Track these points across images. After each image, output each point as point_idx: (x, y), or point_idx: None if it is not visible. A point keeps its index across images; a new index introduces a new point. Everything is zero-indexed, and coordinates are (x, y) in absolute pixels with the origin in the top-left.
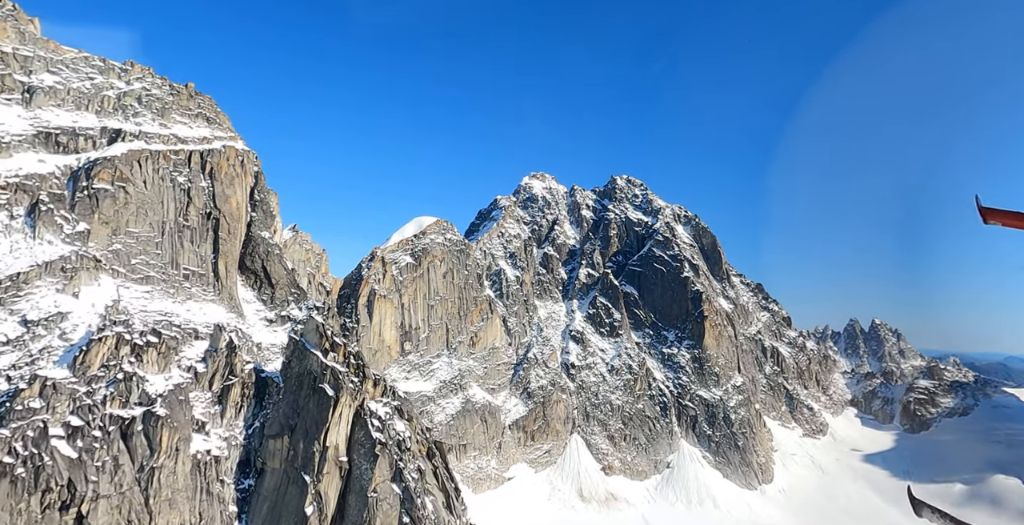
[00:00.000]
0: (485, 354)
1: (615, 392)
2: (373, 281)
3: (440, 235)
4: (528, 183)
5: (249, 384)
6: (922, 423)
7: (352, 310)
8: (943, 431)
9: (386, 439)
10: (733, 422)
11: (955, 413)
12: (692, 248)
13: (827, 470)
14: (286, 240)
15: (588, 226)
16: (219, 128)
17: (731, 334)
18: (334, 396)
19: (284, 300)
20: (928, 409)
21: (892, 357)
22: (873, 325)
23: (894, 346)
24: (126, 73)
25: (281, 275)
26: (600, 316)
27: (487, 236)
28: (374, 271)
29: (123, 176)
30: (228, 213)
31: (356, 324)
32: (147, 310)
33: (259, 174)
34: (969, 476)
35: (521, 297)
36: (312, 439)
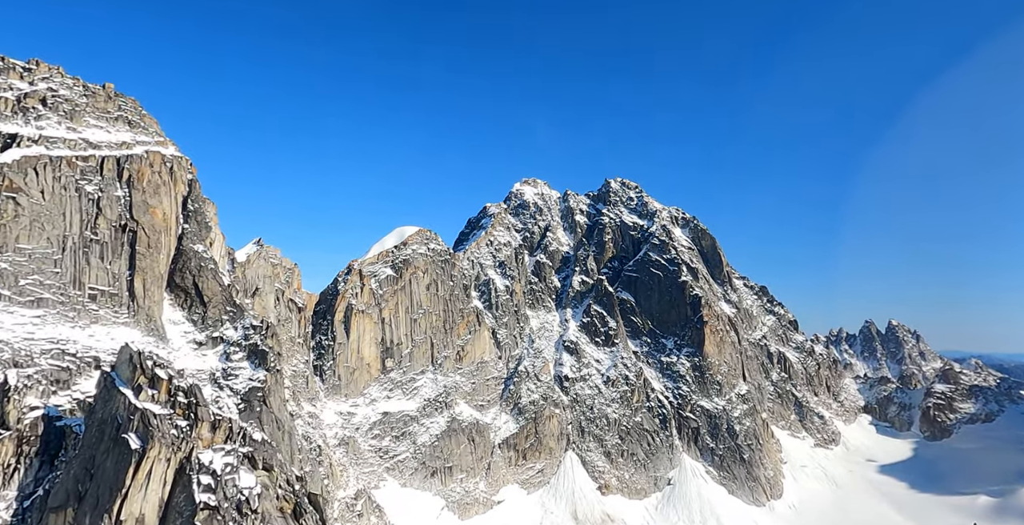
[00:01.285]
0: (473, 369)
1: (611, 405)
2: (350, 296)
3: (423, 245)
4: (519, 189)
5: (31, 437)
6: (943, 430)
7: (328, 327)
8: (965, 439)
9: (218, 501)
10: (738, 433)
11: (978, 419)
12: (691, 251)
13: (841, 483)
14: (249, 255)
15: (582, 232)
16: (143, 132)
17: (734, 340)
18: (139, 449)
19: (217, 320)
20: (947, 415)
21: (912, 359)
22: (890, 326)
23: (914, 348)
24: (29, 73)
25: (215, 292)
26: (595, 325)
27: (475, 245)
28: (351, 285)
29: (13, 186)
30: (150, 225)
31: (332, 341)
32: (34, 338)
33: (193, 182)
34: (996, 488)
35: (511, 307)
36: (102, 511)
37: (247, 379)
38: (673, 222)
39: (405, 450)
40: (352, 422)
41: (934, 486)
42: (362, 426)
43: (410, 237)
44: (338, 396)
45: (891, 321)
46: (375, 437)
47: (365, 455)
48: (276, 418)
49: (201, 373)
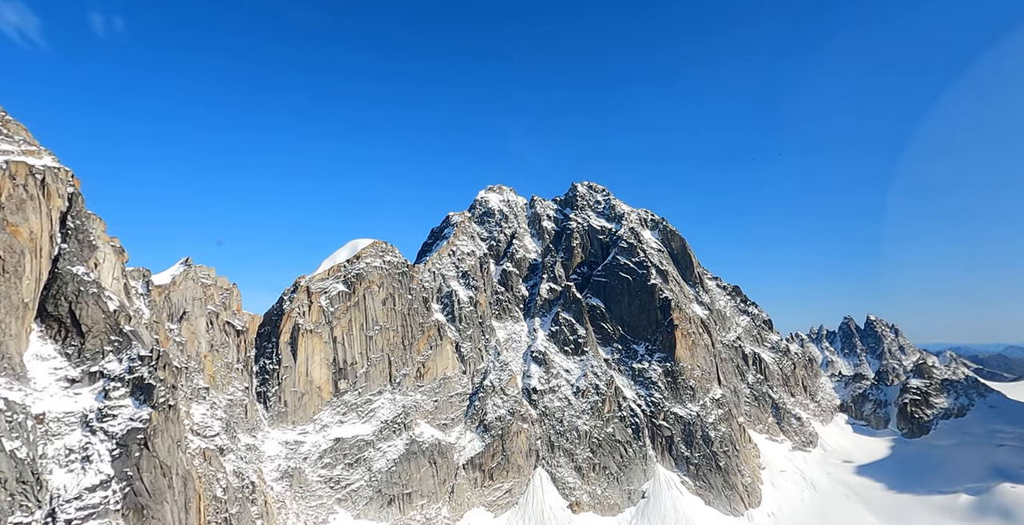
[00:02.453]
0: (435, 386)
1: (582, 416)
2: (296, 315)
3: (378, 258)
4: (484, 197)
5: None
6: (921, 427)
7: (273, 350)
8: (941, 435)
9: None
10: (713, 440)
11: (951, 414)
12: (660, 253)
13: (819, 487)
14: (175, 277)
15: (550, 238)
16: (6, 141)
17: (707, 342)
18: None
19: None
20: (924, 411)
21: (892, 354)
22: (869, 322)
23: (892, 342)
24: None
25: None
26: (564, 333)
27: (436, 255)
28: (298, 303)
29: None
30: (7, 246)
31: (278, 365)
32: None
33: (75, 196)
34: (974, 485)
35: (476, 319)
36: None
37: (127, 419)
38: (642, 224)
39: (359, 478)
40: (299, 451)
41: (913, 486)
42: (311, 455)
43: (364, 250)
44: (284, 424)
45: (869, 316)
46: (325, 466)
47: (313, 487)
48: (161, 463)
49: (70, 416)
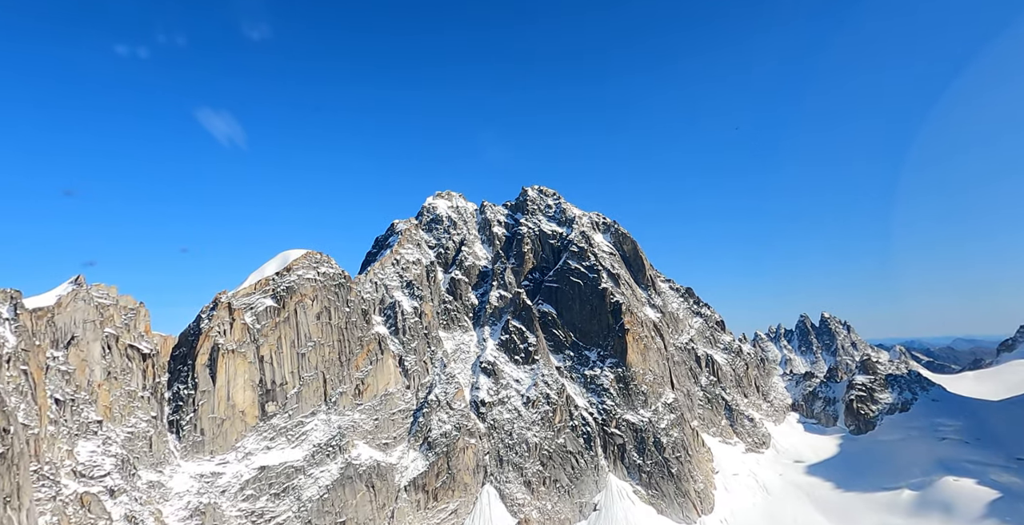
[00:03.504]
0: (376, 403)
1: (532, 428)
2: (216, 334)
3: (311, 270)
4: (432, 203)
5: None
6: (867, 423)
7: (189, 373)
8: (886, 430)
9: None
10: (665, 446)
11: (896, 409)
12: (612, 256)
13: (771, 489)
14: (61, 297)
15: (501, 244)
16: None
17: (659, 346)
18: None
19: None
20: (870, 407)
21: (845, 350)
22: (823, 319)
23: (845, 339)
24: None
25: None
26: (514, 342)
27: (378, 265)
28: (217, 322)
29: None
30: None
31: (194, 390)
32: None
33: None
34: (917, 480)
35: (421, 331)
36: None
37: None
38: (594, 228)
39: (287, 509)
40: (216, 484)
41: (859, 483)
42: (230, 487)
43: (295, 262)
44: (200, 454)
45: (823, 314)
46: (247, 499)
47: (231, 524)
48: None
49: None
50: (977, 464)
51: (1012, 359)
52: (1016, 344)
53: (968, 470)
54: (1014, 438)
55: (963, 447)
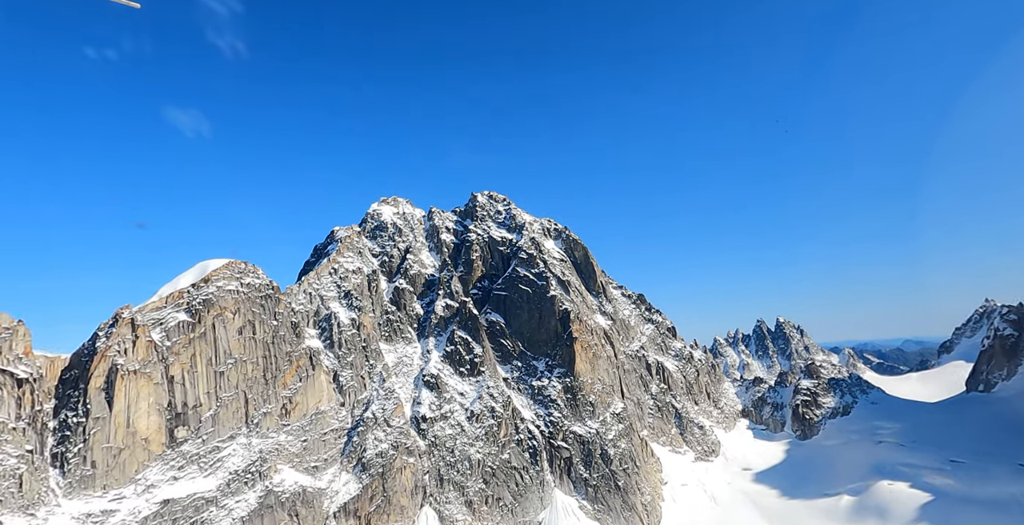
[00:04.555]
0: (305, 423)
1: (475, 443)
2: (115, 353)
3: (234, 281)
4: (376, 210)
5: None
6: (812, 427)
7: (80, 399)
8: (829, 435)
9: None
10: (612, 458)
11: (838, 413)
12: (563, 263)
13: (719, 499)
14: None
15: (449, 251)
16: None
17: (609, 353)
18: None
19: None
20: (814, 411)
21: (799, 354)
22: (778, 324)
23: (799, 343)
24: None
25: None
26: (459, 353)
27: (313, 275)
28: (117, 340)
29: None
30: None
31: (85, 417)
32: None
33: None
34: (855, 485)
35: (359, 343)
36: None
37: None
38: (545, 234)
39: None
40: (107, 524)
41: (803, 490)
42: None
43: (215, 272)
44: (90, 490)
45: (779, 318)
46: None
47: None
48: None
49: None
50: (912, 467)
51: (951, 360)
52: (953, 345)
53: (903, 474)
54: (947, 440)
55: (899, 450)
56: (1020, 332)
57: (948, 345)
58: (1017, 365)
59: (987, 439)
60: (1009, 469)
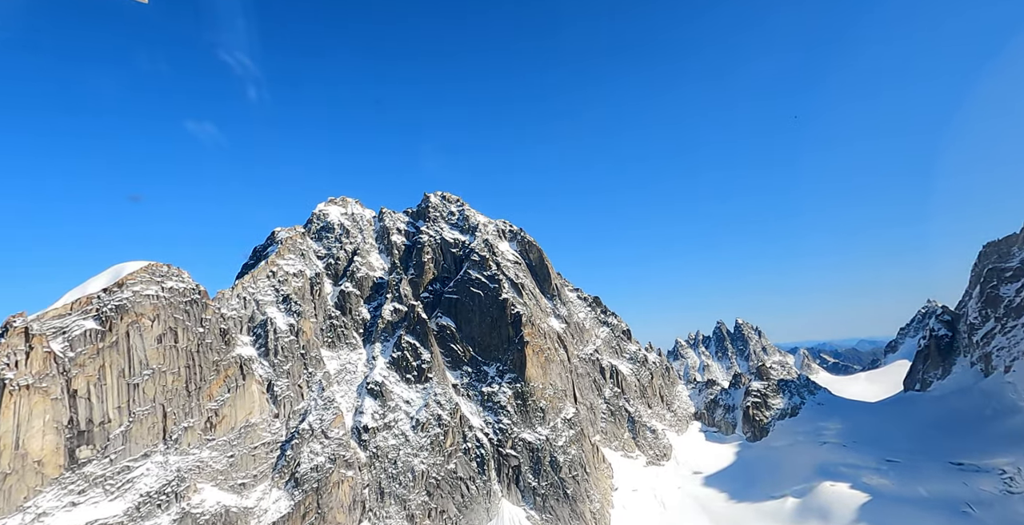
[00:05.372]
0: (232, 437)
1: (420, 454)
2: (3, 367)
3: (153, 285)
4: (323, 210)
5: None
6: (762, 429)
7: None
8: (778, 436)
9: None
10: (562, 465)
11: (786, 414)
12: (517, 265)
13: (669, 504)
14: None
15: (399, 253)
16: None
17: (563, 358)
18: None
19: None
20: (764, 413)
21: (756, 355)
22: (737, 325)
23: (757, 344)
24: None
25: None
26: (406, 359)
27: (248, 278)
28: (7, 351)
29: None
30: None
31: None
32: None
33: None
34: (800, 487)
35: (297, 350)
36: None
37: None
38: (500, 236)
39: None
40: None
41: (751, 493)
42: None
43: (130, 276)
44: None
45: (738, 320)
46: None
47: None
48: None
49: None
50: (852, 467)
51: (896, 359)
52: (898, 345)
53: (844, 474)
54: (885, 439)
55: (841, 450)
56: (954, 332)
57: (894, 345)
58: (951, 365)
59: (921, 438)
60: (940, 467)
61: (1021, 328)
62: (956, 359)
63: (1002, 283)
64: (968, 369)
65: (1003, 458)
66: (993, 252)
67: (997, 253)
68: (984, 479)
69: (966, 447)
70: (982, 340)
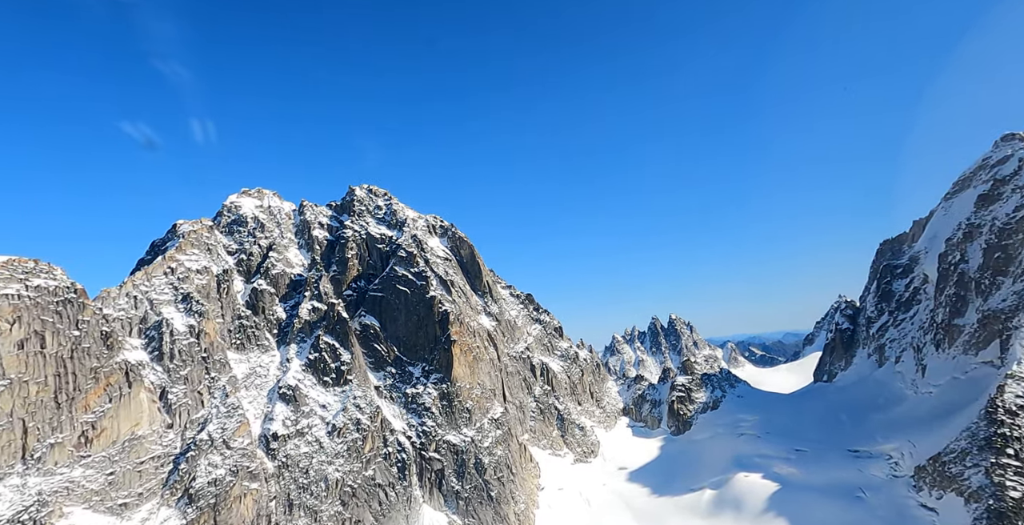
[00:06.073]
0: (113, 453)
1: (335, 461)
2: None
3: (15, 283)
4: (235, 202)
5: None
6: (685, 423)
7: None
8: (700, 429)
9: None
10: (486, 467)
11: (708, 408)
12: (447, 262)
13: (594, 502)
14: None
15: (321, 249)
16: None
17: (492, 356)
18: None
19: None
20: (687, 407)
21: (688, 349)
22: (671, 320)
23: (689, 338)
24: None
25: None
26: (324, 361)
27: (141, 275)
28: None
29: None
30: None
31: None
32: None
33: None
34: (717, 479)
35: (198, 354)
36: None
37: None
38: (430, 231)
39: None
40: None
41: (671, 487)
42: None
43: None
44: None
45: (671, 315)
46: None
47: None
48: None
49: None
50: (765, 458)
51: (812, 351)
52: (815, 338)
53: (757, 465)
54: (794, 429)
55: (756, 441)
56: (855, 326)
57: (811, 337)
58: (852, 356)
59: (826, 427)
60: (841, 455)
61: (909, 321)
62: (857, 351)
63: (894, 279)
64: (866, 360)
65: (890, 444)
66: (888, 250)
67: (891, 250)
68: (874, 465)
69: (862, 435)
70: (877, 333)
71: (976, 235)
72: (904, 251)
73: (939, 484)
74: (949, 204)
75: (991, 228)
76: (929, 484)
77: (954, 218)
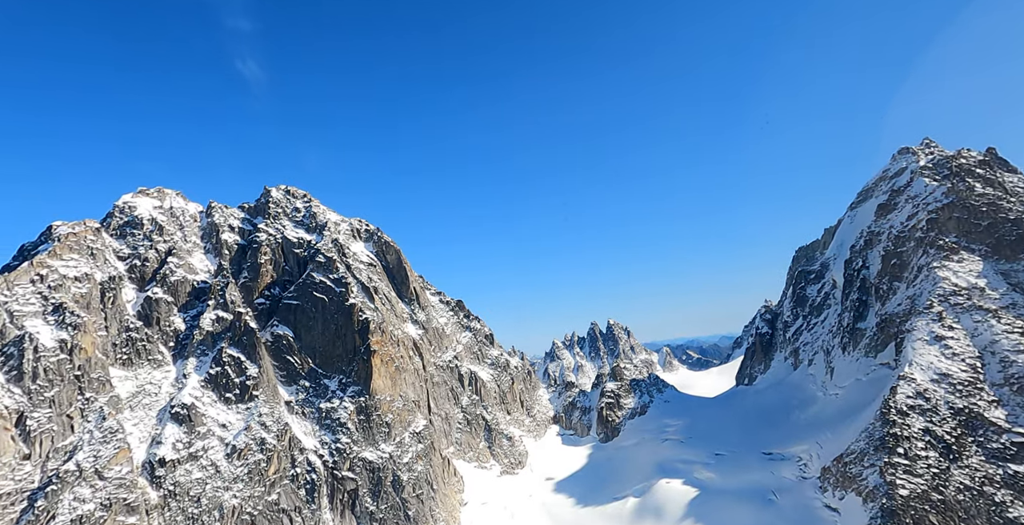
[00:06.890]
0: None
1: (233, 486)
2: None
3: None
4: (129, 202)
5: None
6: (614, 429)
7: None
8: (627, 435)
9: None
10: (405, 484)
11: (636, 413)
12: (371, 268)
13: (518, 515)
14: None
15: (231, 254)
16: None
17: (417, 366)
18: None
19: None
20: (616, 413)
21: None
22: (609, 325)
23: (626, 343)
24: None
25: None
26: (227, 375)
27: (0, 284)
28: None
29: None
30: None
31: None
32: None
33: None
34: (640, 486)
35: (70, 372)
36: None
37: None
38: (354, 235)
39: None
40: None
41: (596, 496)
42: None
43: None
44: None
45: (609, 320)
46: None
47: None
48: None
49: None
50: (687, 463)
51: (739, 355)
52: (743, 341)
53: (679, 470)
54: (715, 433)
55: (679, 447)
56: (773, 330)
57: (739, 341)
58: (771, 360)
59: (745, 430)
60: (756, 458)
61: (821, 325)
62: (775, 354)
63: (808, 284)
64: (783, 363)
65: (801, 446)
66: (803, 256)
67: (806, 257)
68: (785, 467)
69: (776, 437)
70: (792, 336)
71: (876, 243)
72: (817, 258)
73: (842, 484)
74: (854, 213)
75: (888, 236)
76: (833, 485)
77: (858, 226)
